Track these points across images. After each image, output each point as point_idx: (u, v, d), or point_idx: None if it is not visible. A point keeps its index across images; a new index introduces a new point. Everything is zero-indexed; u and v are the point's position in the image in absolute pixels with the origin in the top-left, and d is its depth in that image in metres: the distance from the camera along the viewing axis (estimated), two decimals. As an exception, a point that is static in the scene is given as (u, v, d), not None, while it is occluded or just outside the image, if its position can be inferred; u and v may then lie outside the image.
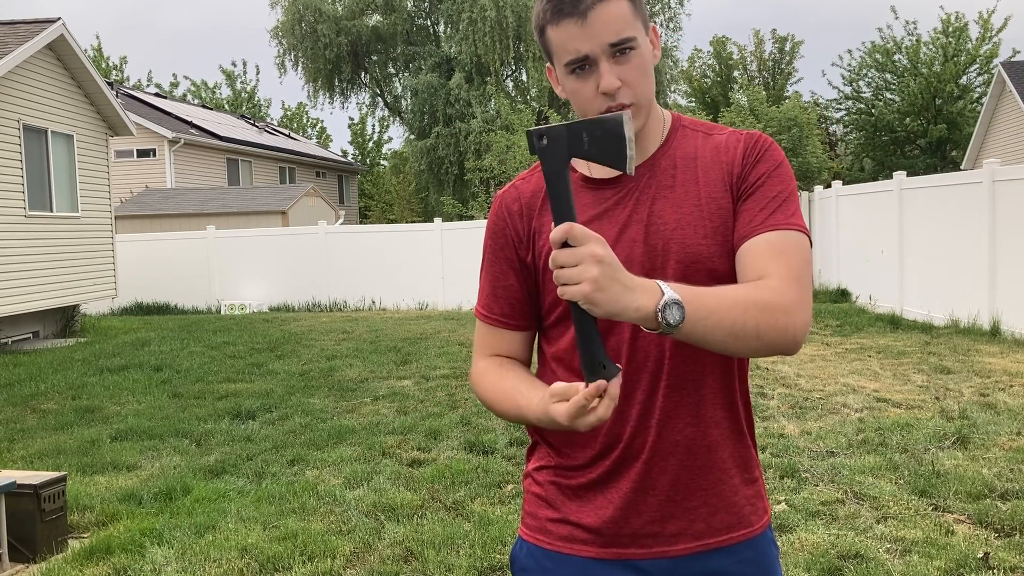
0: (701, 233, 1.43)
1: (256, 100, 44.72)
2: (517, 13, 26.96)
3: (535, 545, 1.54)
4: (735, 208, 1.45)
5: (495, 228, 1.57)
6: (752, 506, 1.52)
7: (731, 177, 1.46)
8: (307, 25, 30.12)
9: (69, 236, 13.59)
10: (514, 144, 18.44)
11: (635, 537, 1.47)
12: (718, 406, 1.48)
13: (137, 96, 27.31)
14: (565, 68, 1.44)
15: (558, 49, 1.44)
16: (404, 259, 17.08)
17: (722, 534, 1.48)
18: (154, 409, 7.67)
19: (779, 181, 1.45)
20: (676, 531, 1.47)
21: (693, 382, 1.45)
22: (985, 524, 4.26)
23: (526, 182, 1.58)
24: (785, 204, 1.43)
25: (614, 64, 1.41)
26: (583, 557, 1.49)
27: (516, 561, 1.58)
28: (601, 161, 1.25)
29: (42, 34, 12.54)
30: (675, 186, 1.47)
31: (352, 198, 36.34)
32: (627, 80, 1.41)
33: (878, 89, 30.57)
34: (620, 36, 1.40)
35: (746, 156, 1.47)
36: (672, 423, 1.44)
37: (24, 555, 4.29)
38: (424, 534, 4.35)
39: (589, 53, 1.40)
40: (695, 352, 1.43)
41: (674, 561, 1.47)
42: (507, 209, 1.56)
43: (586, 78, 1.42)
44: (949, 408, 6.50)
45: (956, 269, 10.57)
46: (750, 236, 1.41)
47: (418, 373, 9.00)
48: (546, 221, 1.50)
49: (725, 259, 1.43)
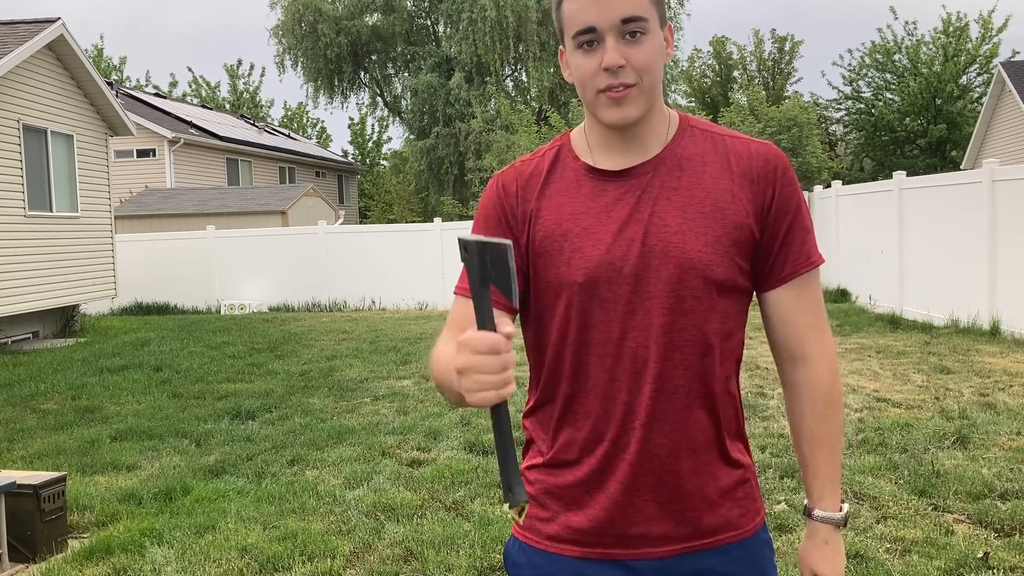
0: (703, 240, 1.42)
1: (257, 100, 44.70)
2: (517, 13, 26.95)
3: (525, 543, 1.54)
4: (760, 232, 1.47)
5: (489, 204, 1.55)
6: (742, 508, 1.51)
7: (752, 194, 1.46)
8: (307, 25, 30.11)
9: (69, 236, 13.59)
10: (514, 144, 18.44)
11: (621, 538, 1.47)
12: (705, 409, 1.46)
13: (137, 96, 27.30)
14: (573, 42, 1.43)
15: (568, 22, 1.43)
16: (404, 259, 17.08)
17: (707, 536, 1.47)
18: (154, 409, 7.67)
19: (801, 215, 1.50)
20: (662, 533, 1.46)
21: (680, 386, 1.43)
22: (985, 524, 4.26)
23: (526, 164, 1.56)
24: (807, 237, 1.50)
25: (622, 44, 1.40)
26: (571, 557, 1.49)
27: (509, 557, 1.59)
28: (498, 286, 1.19)
29: (42, 34, 12.54)
30: (679, 188, 1.45)
31: (352, 198, 36.34)
32: (632, 62, 1.40)
33: (878, 89, 30.59)
34: (631, 13, 1.38)
35: (775, 182, 1.47)
36: (657, 425, 1.43)
37: (24, 555, 4.29)
38: (424, 534, 4.35)
39: (598, 25, 1.39)
40: (683, 355, 1.42)
41: (663, 561, 1.47)
42: (504, 188, 1.54)
43: (592, 54, 1.41)
44: (949, 408, 6.50)
45: (956, 269, 10.57)
46: (783, 282, 1.50)
47: (418, 373, 9.01)
48: (544, 205, 1.49)
49: (723, 267, 1.43)
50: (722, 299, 1.44)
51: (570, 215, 1.47)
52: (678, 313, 1.42)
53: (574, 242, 1.45)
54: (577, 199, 1.48)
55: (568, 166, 1.52)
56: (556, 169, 1.52)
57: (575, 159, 1.52)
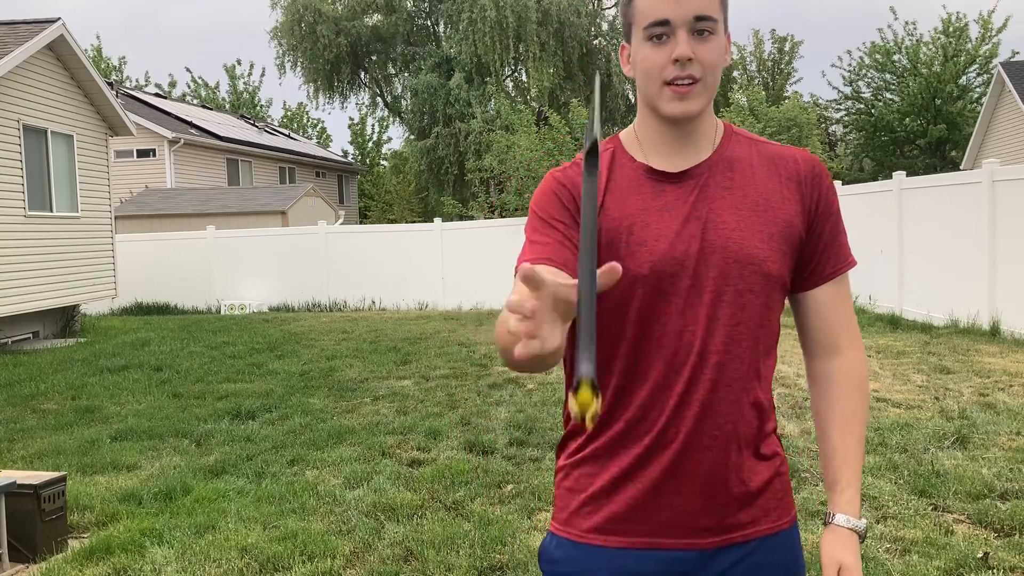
0: (759, 237, 1.49)
1: (257, 100, 44.70)
2: (517, 13, 26.92)
3: (564, 538, 1.56)
4: (806, 232, 1.55)
5: (549, 193, 1.54)
6: (779, 501, 1.56)
7: (800, 195, 1.54)
8: (307, 26, 30.07)
9: (69, 236, 13.59)
10: (514, 144, 18.41)
11: (666, 526, 1.49)
12: (753, 402, 1.51)
13: (137, 96, 27.30)
14: (644, 34, 1.47)
15: (641, 15, 1.47)
16: (404, 259, 17.08)
17: (748, 527, 1.51)
18: (154, 409, 7.67)
19: (840, 217, 1.60)
20: (707, 525, 1.49)
21: (736, 378, 1.48)
22: (985, 524, 4.26)
23: (577, 165, 1.58)
24: (845, 238, 1.60)
25: (692, 40, 1.45)
26: (612, 547, 1.51)
27: (545, 554, 1.59)
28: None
29: (42, 34, 12.54)
30: (733, 188, 1.52)
31: (352, 198, 36.34)
32: (700, 58, 1.45)
33: (878, 89, 30.60)
34: (704, 11, 1.44)
35: (820, 185, 1.56)
36: (710, 417, 1.47)
37: (24, 555, 4.30)
38: (424, 534, 4.36)
39: (672, 19, 1.44)
40: (740, 348, 1.48)
41: (702, 552, 1.49)
42: (564, 179, 1.55)
43: (661, 47, 1.46)
44: (949, 408, 6.50)
45: (956, 269, 10.57)
46: (826, 280, 1.58)
47: (418, 373, 9.01)
48: (608, 200, 1.53)
49: (777, 263, 1.50)
50: (774, 294, 1.51)
51: (633, 210, 1.51)
52: (737, 307, 1.47)
53: (638, 235, 1.49)
54: (639, 196, 1.52)
55: (626, 166, 1.56)
56: (615, 168, 1.56)
57: (632, 160, 1.56)
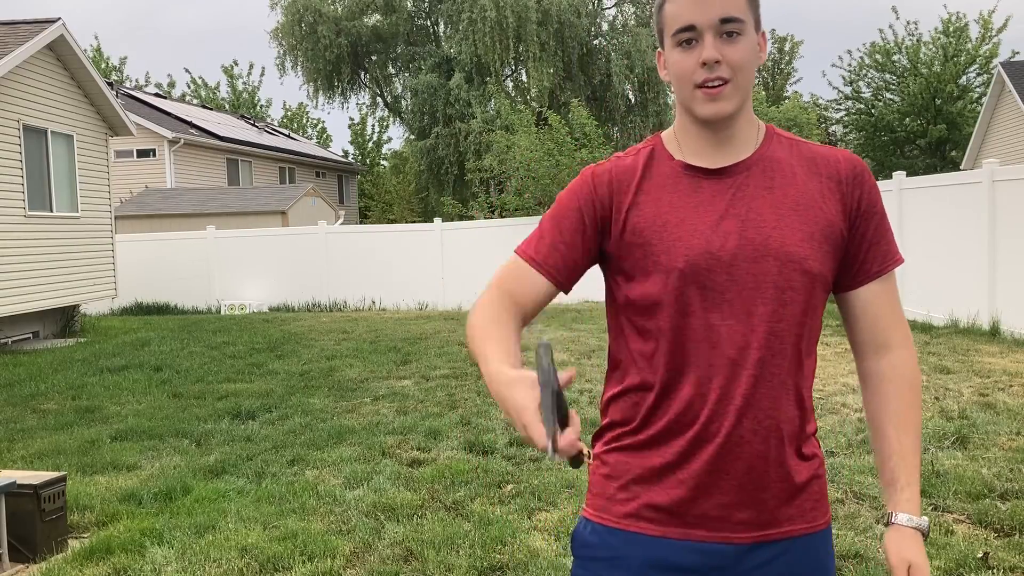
0: (800, 236, 1.50)
1: (257, 100, 44.69)
2: (517, 13, 26.91)
3: (599, 523, 1.56)
4: (848, 231, 1.56)
5: (580, 187, 1.60)
6: (815, 501, 1.56)
7: (841, 195, 1.55)
8: (307, 26, 30.06)
9: (69, 236, 13.60)
10: (514, 144, 18.41)
11: (703, 519, 1.50)
12: (794, 400, 1.52)
13: (137, 96, 27.30)
14: (672, 40, 1.50)
15: (669, 20, 1.50)
16: (404, 259, 17.09)
17: (784, 525, 1.52)
18: (154, 409, 7.67)
19: (884, 215, 1.60)
20: (744, 519, 1.50)
21: (776, 374, 1.49)
22: (985, 524, 4.26)
23: (622, 159, 1.61)
24: (891, 236, 1.60)
25: (720, 42, 1.47)
26: (648, 535, 1.52)
27: (578, 538, 1.60)
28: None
29: (42, 34, 12.54)
30: (774, 188, 1.53)
31: (352, 198, 36.34)
32: (728, 59, 1.47)
33: (878, 89, 30.61)
34: (729, 13, 1.46)
35: (862, 185, 1.57)
36: (752, 412, 1.48)
37: (24, 555, 4.30)
38: (424, 534, 4.36)
39: (697, 24, 1.46)
40: (781, 345, 1.48)
41: (737, 547, 1.50)
42: (596, 179, 1.59)
43: (690, 52, 1.48)
44: (949, 408, 6.50)
45: (955, 269, 10.57)
46: (873, 278, 1.58)
47: (418, 373, 9.01)
48: (643, 199, 1.55)
49: (818, 261, 1.50)
50: (815, 292, 1.51)
51: (668, 207, 1.53)
52: (778, 304, 1.48)
53: (673, 231, 1.50)
54: (675, 193, 1.54)
55: (664, 163, 1.57)
56: (652, 165, 1.58)
57: (670, 158, 1.57)
